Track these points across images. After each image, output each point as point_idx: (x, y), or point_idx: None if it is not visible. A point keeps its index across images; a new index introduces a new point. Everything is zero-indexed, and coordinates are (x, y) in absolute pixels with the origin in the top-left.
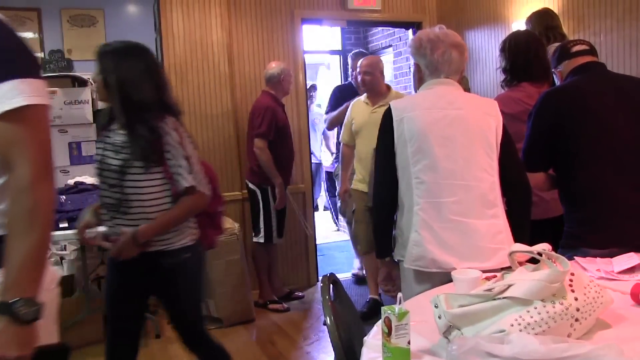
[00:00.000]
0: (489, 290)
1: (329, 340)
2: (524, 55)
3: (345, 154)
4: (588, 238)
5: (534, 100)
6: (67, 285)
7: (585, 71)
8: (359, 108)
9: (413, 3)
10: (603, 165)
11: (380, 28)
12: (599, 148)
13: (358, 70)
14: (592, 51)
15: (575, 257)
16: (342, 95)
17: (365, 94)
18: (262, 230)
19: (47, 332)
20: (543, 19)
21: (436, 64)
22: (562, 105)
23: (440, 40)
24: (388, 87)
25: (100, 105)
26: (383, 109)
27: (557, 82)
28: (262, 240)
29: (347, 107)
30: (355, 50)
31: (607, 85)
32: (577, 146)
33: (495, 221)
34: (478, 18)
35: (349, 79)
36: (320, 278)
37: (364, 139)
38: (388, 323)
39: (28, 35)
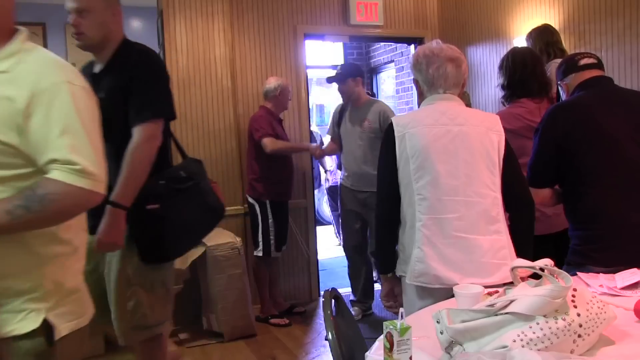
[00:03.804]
0: (491, 305)
1: (331, 355)
2: (520, 72)
3: None
4: (594, 256)
5: (534, 115)
6: None
7: (593, 86)
8: None
9: (415, 19)
10: (610, 183)
11: (382, 43)
12: (606, 165)
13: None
14: (599, 65)
15: (577, 273)
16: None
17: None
18: (260, 243)
19: None
20: (543, 35)
21: (432, 79)
22: (570, 121)
23: (435, 55)
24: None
25: None
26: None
27: (563, 94)
28: (260, 254)
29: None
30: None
31: (615, 101)
32: (584, 163)
33: (498, 237)
34: (480, 34)
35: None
36: (321, 293)
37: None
38: (390, 338)
39: None
